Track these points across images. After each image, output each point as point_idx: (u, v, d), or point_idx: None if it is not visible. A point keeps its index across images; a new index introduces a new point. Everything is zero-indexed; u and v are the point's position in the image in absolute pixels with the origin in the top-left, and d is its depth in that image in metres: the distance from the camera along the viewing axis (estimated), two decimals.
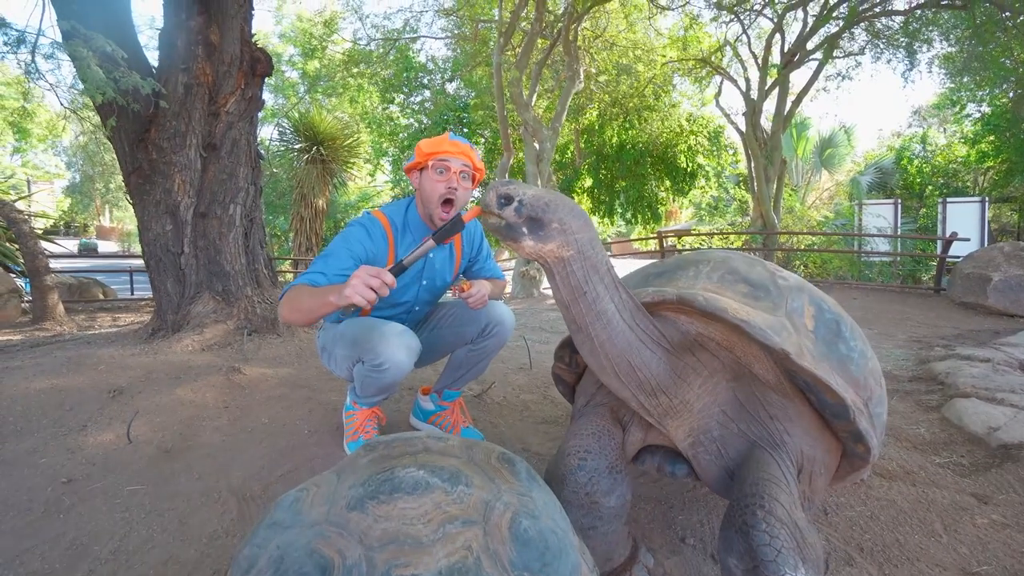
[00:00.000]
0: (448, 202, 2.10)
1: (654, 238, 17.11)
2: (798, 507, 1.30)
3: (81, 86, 3.67)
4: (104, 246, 35.09)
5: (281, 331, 4.22)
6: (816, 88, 14.03)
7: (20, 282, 7.54)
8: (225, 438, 2.48)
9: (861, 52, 13.25)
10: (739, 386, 1.51)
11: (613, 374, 1.41)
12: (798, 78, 14.66)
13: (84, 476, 2.11)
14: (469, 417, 2.56)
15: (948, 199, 12.46)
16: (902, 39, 11.95)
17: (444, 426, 2.48)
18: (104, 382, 3.07)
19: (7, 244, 7.30)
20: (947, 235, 9.36)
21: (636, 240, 23.43)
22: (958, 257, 8.46)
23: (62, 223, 37.94)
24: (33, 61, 3.73)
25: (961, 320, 6.33)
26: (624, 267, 16.93)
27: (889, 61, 12.72)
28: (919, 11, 11.14)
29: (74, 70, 3.54)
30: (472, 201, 2.25)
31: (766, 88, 13.73)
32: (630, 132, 17.44)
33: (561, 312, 1.38)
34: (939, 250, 9.53)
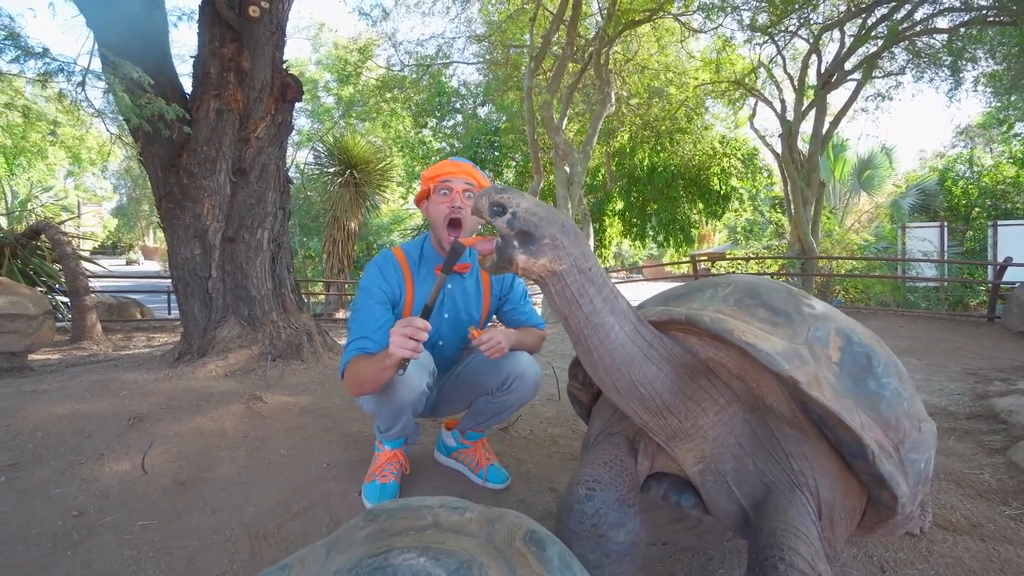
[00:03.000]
0: (454, 223, 2.05)
1: (687, 262, 16.78)
2: (822, 558, 1.22)
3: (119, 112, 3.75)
4: (149, 265, 36.50)
5: (305, 357, 4.17)
6: (854, 109, 13.66)
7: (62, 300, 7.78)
8: (242, 470, 2.41)
9: (902, 72, 12.81)
10: (755, 418, 1.44)
11: (614, 388, 1.36)
12: (836, 98, 14.32)
13: (96, 509, 2.06)
14: (493, 455, 2.44)
15: (999, 222, 11.91)
16: (945, 58, 11.53)
17: (468, 463, 2.37)
18: (126, 408, 3.05)
19: (51, 264, 7.53)
20: (999, 259, 8.90)
21: (668, 264, 23.09)
22: (1013, 283, 8.02)
23: (110, 243, 39.73)
24: (82, 89, 3.81)
25: (1019, 351, 5.95)
26: (656, 290, 16.57)
27: (931, 80, 12.26)
28: (963, 29, 10.76)
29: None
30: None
31: (803, 109, 13.42)
32: (662, 155, 17.31)
33: (562, 323, 1.34)
34: (991, 276, 9.06)
